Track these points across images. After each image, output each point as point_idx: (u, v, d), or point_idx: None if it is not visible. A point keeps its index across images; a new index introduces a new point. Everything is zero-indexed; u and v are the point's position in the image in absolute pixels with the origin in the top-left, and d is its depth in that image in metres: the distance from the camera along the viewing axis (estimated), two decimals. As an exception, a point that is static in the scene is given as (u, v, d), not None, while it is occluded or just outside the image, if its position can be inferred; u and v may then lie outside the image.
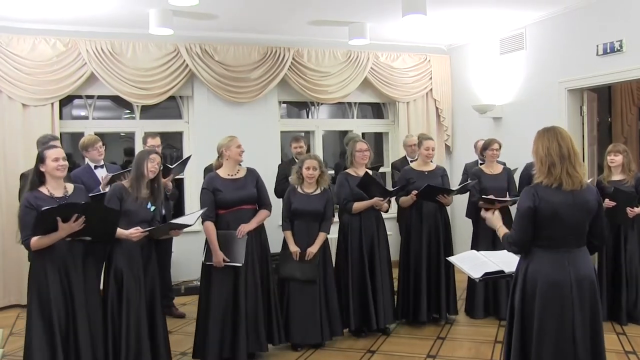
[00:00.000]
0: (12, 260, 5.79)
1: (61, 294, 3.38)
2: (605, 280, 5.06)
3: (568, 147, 2.75)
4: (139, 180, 3.80)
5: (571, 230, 2.77)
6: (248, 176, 4.32)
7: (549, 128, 2.85)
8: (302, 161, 4.59)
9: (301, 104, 7.74)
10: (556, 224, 2.74)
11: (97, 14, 5.84)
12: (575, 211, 2.75)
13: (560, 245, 2.78)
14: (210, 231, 4.13)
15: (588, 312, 2.78)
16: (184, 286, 6.37)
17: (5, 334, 4.58)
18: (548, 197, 2.73)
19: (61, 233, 3.29)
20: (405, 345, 4.62)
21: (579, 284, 2.75)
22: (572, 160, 2.74)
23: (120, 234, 3.63)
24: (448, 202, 5.08)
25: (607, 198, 4.90)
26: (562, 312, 2.75)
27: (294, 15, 6.14)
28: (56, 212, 3.23)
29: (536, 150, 2.83)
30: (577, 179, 2.74)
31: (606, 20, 5.67)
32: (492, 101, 7.04)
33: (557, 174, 2.74)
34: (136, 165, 3.82)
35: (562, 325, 2.75)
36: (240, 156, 4.29)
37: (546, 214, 2.73)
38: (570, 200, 2.74)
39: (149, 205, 3.84)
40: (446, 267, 5.02)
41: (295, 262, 4.46)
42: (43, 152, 3.46)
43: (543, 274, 2.77)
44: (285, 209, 4.60)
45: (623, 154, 5.00)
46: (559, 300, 2.75)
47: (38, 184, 3.43)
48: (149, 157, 3.84)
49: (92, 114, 6.60)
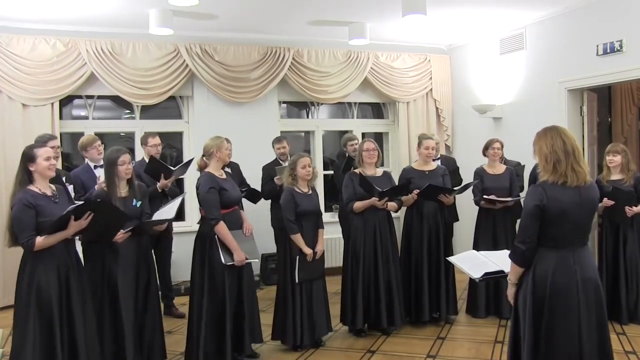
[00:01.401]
0: (12, 260, 5.75)
1: (59, 295, 3.36)
2: (605, 279, 5.06)
3: (572, 144, 2.76)
4: (114, 183, 3.85)
5: (577, 228, 2.77)
6: (231, 178, 4.41)
7: (551, 127, 2.85)
8: (295, 161, 4.52)
9: (301, 104, 7.74)
10: (563, 223, 2.74)
11: (97, 14, 5.84)
12: (582, 209, 2.75)
13: (566, 244, 2.77)
14: (226, 231, 4.06)
15: (594, 315, 2.77)
16: (184, 286, 6.35)
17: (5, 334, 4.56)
18: (556, 195, 2.72)
19: (70, 231, 3.29)
20: (405, 345, 4.61)
21: (584, 285, 2.75)
22: (577, 156, 2.75)
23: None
24: (449, 202, 5.09)
25: (606, 197, 4.91)
26: (570, 312, 2.74)
27: (294, 15, 6.14)
28: (79, 210, 3.25)
29: (540, 149, 2.82)
30: (581, 174, 2.74)
31: (606, 20, 5.67)
32: (492, 101, 7.04)
33: (562, 170, 2.73)
34: (109, 170, 3.86)
35: (569, 326, 2.74)
36: (228, 158, 4.33)
37: (554, 212, 2.72)
38: (577, 199, 2.74)
39: (134, 202, 3.88)
40: (446, 267, 5.03)
41: (309, 263, 4.46)
42: (33, 150, 3.39)
43: (551, 275, 2.75)
44: (289, 212, 4.43)
45: (622, 154, 5.01)
46: (566, 301, 2.74)
47: (27, 182, 3.37)
48: (118, 160, 3.86)
49: (92, 114, 6.60)
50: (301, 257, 4.44)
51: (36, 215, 3.27)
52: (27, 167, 3.37)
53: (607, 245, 5.09)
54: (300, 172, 4.49)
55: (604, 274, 5.07)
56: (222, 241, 4.06)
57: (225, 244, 4.06)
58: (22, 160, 3.39)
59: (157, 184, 5.06)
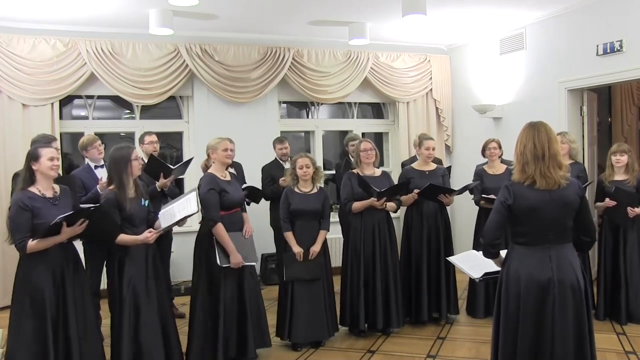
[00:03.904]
0: (12, 260, 5.74)
1: (54, 295, 3.35)
2: (604, 280, 5.07)
3: (543, 148, 2.73)
4: (125, 183, 3.71)
5: (550, 225, 2.75)
6: (235, 179, 4.38)
7: (533, 124, 2.83)
8: (295, 161, 4.58)
9: (301, 104, 7.74)
10: (533, 220, 2.74)
11: (97, 14, 5.84)
12: (553, 207, 2.73)
13: (540, 242, 2.76)
14: (224, 233, 4.06)
15: (572, 317, 2.72)
16: (184, 286, 6.36)
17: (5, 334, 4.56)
18: (523, 193, 2.73)
19: (62, 236, 3.29)
20: (405, 345, 4.61)
21: (561, 285, 2.72)
22: (547, 161, 2.72)
23: (135, 240, 3.62)
24: (449, 202, 5.09)
25: (608, 197, 4.90)
26: (543, 310, 2.72)
27: (294, 15, 6.14)
28: (70, 219, 3.21)
29: (515, 146, 2.83)
30: (552, 179, 2.71)
31: (606, 20, 5.67)
32: (492, 101, 7.04)
33: (530, 173, 2.74)
34: (120, 169, 3.70)
35: (542, 325, 2.72)
36: (227, 159, 4.23)
37: (522, 209, 2.73)
38: (547, 197, 2.73)
39: (143, 202, 3.82)
40: (446, 267, 5.03)
41: (300, 262, 4.46)
42: (37, 150, 3.40)
43: (525, 272, 2.75)
44: (283, 210, 4.55)
45: (628, 154, 5.00)
46: (539, 298, 2.72)
47: (30, 182, 3.37)
48: (133, 156, 3.75)
49: (92, 114, 6.60)
50: (288, 254, 4.48)
51: (33, 217, 3.27)
52: (31, 167, 3.38)
53: (606, 245, 5.08)
54: (298, 172, 4.53)
55: (602, 273, 5.08)
56: (219, 243, 4.06)
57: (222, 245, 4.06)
58: (27, 159, 3.41)
59: (157, 183, 5.05)
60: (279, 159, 6.03)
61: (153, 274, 3.78)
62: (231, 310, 4.12)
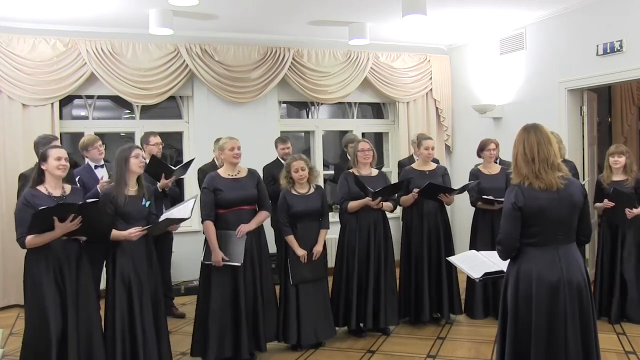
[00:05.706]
0: (12, 260, 5.78)
1: (56, 292, 3.40)
2: (601, 280, 5.07)
3: (532, 152, 2.76)
4: (124, 180, 3.77)
5: (559, 225, 2.77)
6: (249, 177, 4.33)
7: (526, 127, 2.86)
8: (289, 165, 4.55)
9: (301, 104, 7.75)
10: (543, 220, 2.75)
11: (97, 14, 5.84)
12: (562, 207, 2.75)
13: (550, 242, 2.78)
14: (210, 231, 4.13)
15: (578, 317, 2.76)
16: (184, 286, 6.37)
17: (5, 334, 4.58)
18: (533, 193, 2.74)
19: (57, 232, 3.33)
20: (405, 345, 4.62)
21: (570, 284, 2.75)
22: (537, 164, 2.75)
23: (119, 236, 3.65)
24: (450, 201, 5.09)
25: (607, 198, 4.90)
26: (555, 310, 2.74)
27: (294, 15, 6.14)
28: (51, 212, 3.26)
29: (513, 148, 2.86)
30: (546, 181, 2.74)
31: (606, 20, 5.67)
32: (492, 101, 7.04)
33: (524, 175, 2.78)
34: (120, 165, 3.78)
35: (554, 325, 2.74)
36: (234, 158, 4.24)
37: (532, 211, 2.74)
38: (555, 197, 2.75)
39: (143, 201, 3.83)
40: (447, 267, 5.02)
41: (304, 264, 4.46)
42: (46, 150, 3.51)
43: (536, 273, 2.76)
44: (282, 213, 4.49)
45: (626, 155, 5.00)
46: (551, 297, 2.74)
47: (39, 182, 3.48)
48: (132, 153, 3.81)
49: (92, 114, 6.60)
50: (293, 258, 4.46)
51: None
52: (41, 166, 3.49)
53: (604, 245, 5.08)
54: (294, 175, 4.52)
55: (599, 273, 5.08)
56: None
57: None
58: (39, 159, 3.55)
59: (158, 184, 5.05)
60: (280, 159, 6.03)
61: (146, 270, 3.80)
62: (225, 310, 4.11)
